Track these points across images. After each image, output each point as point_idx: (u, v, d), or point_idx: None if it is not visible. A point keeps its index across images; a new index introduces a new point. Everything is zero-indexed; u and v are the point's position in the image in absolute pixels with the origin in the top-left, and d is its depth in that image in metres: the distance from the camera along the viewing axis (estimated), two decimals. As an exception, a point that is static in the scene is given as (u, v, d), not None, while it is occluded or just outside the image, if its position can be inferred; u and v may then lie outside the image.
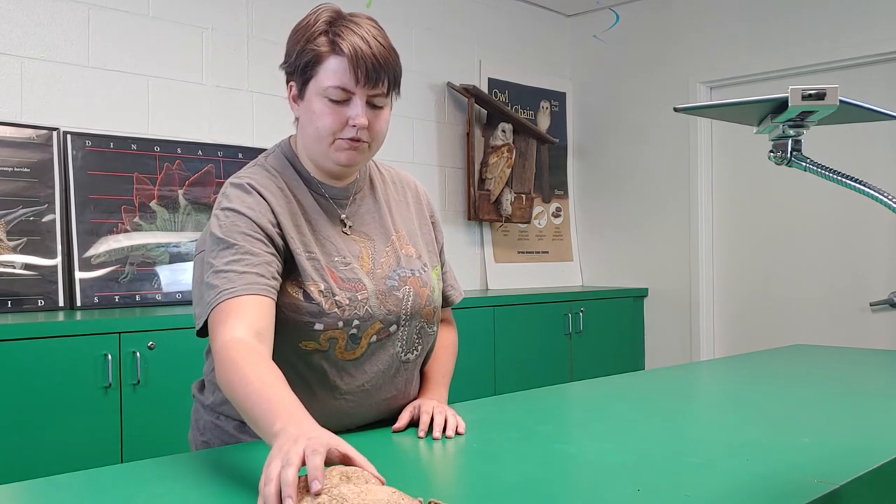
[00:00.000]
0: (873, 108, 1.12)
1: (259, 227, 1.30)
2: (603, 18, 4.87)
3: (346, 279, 1.36)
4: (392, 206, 1.51)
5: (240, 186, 1.35)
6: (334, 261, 1.37)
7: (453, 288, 1.65)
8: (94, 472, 1.17)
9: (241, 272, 1.25)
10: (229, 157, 3.36)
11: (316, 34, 1.32)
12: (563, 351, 4.14)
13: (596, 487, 1.06)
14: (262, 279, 1.26)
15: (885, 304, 3.86)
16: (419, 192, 1.60)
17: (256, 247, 1.29)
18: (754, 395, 1.77)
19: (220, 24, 3.42)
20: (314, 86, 1.33)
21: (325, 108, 1.32)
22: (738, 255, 4.43)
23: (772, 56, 4.19)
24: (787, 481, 1.08)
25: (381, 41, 1.33)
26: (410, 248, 1.49)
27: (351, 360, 1.37)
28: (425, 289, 1.46)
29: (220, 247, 1.29)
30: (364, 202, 1.47)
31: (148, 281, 3.06)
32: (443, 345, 1.61)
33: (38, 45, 2.94)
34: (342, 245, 1.40)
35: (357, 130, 1.32)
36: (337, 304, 1.33)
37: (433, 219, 1.61)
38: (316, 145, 1.36)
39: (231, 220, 1.30)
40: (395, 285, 1.41)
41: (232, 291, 1.23)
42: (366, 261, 1.41)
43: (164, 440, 2.52)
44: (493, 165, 4.42)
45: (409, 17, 4.16)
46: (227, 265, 1.26)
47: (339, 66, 1.30)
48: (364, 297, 1.37)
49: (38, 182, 2.85)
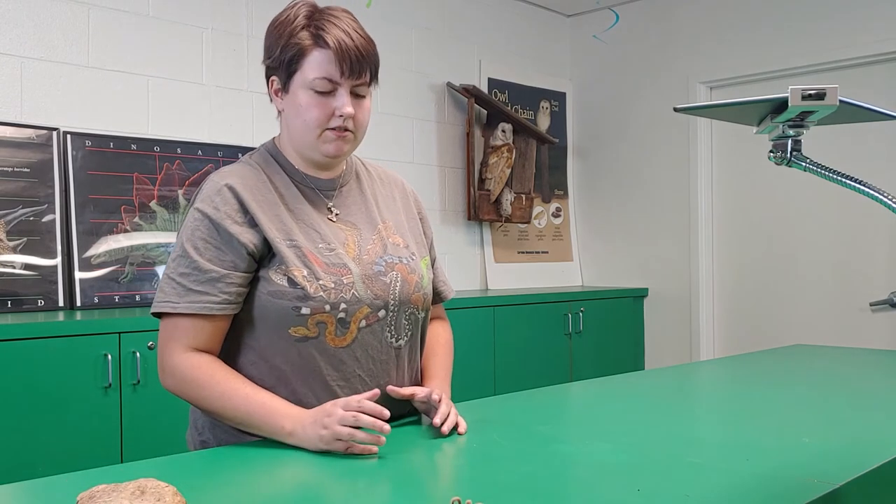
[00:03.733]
0: (873, 108, 1.12)
1: (218, 232, 1.35)
2: (603, 18, 4.87)
3: (330, 264, 1.38)
4: (379, 199, 1.54)
5: (211, 182, 1.40)
6: (318, 247, 1.39)
7: (445, 284, 1.66)
8: (94, 472, 1.17)
9: (188, 289, 1.34)
10: (229, 157, 3.36)
11: (298, 29, 1.36)
12: (563, 351, 4.14)
13: (596, 487, 1.06)
14: (204, 297, 1.33)
15: (885, 304, 3.86)
16: (406, 188, 1.63)
17: (211, 257, 1.34)
18: (754, 395, 1.77)
19: (220, 24, 3.42)
20: (299, 79, 1.37)
21: (311, 99, 1.36)
22: (738, 255, 4.43)
23: (772, 56, 4.19)
24: (787, 481, 1.08)
25: (361, 34, 1.38)
26: (398, 238, 1.51)
27: (342, 346, 1.38)
28: (413, 275, 1.48)
29: (179, 252, 1.37)
30: (350, 194, 1.50)
31: (148, 281, 3.06)
32: (439, 341, 1.62)
33: (38, 45, 2.93)
34: (327, 231, 1.42)
35: (344, 120, 1.37)
36: (322, 287, 1.36)
37: (421, 214, 1.63)
38: (303, 137, 1.40)
39: (194, 224, 1.36)
40: (382, 270, 1.44)
41: (175, 307, 1.34)
42: (351, 247, 1.43)
43: (164, 440, 2.52)
44: (492, 165, 4.42)
45: (409, 17, 4.15)
46: (180, 276, 1.35)
47: (325, 59, 1.35)
48: (350, 282, 1.38)
49: (38, 182, 2.85)
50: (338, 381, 1.38)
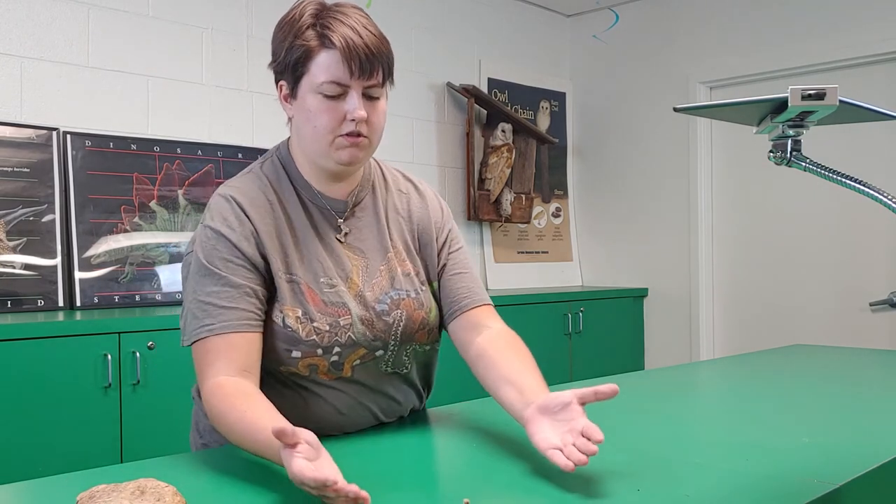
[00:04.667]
0: (873, 108, 1.12)
1: (240, 251, 1.27)
2: (603, 18, 4.87)
3: (329, 303, 1.31)
4: (390, 218, 1.43)
5: (225, 199, 1.32)
6: (319, 282, 1.32)
7: (471, 292, 1.44)
8: (94, 472, 1.17)
9: (223, 307, 1.24)
10: (229, 157, 3.36)
11: (303, 28, 1.27)
12: (563, 351, 4.14)
13: (596, 487, 1.06)
14: (244, 314, 1.25)
15: (885, 304, 3.85)
16: (428, 201, 1.48)
17: (238, 275, 1.26)
18: (754, 395, 1.77)
19: (220, 24, 3.42)
20: (307, 82, 1.27)
21: (320, 104, 1.27)
22: (738, 255, 4.43)
23: (772, 56, 4.19)
24: (787, 481, 1.08)
25: (372, 30, 1.27)
26: (407, 265, 1.41)
27: (335, 379, 1.34)
28: (420, 311, 1.39)
29: (202, 273, 1.27)
30: (364, 213, 1.40)
31: (148, 281, 3.06)
32: (518, 350, 1.35)
33: (38, 45, 2.93)
34: (330, 264, 1.34)
35: (356, 124, 1.27)
36: (315, 330, 1.29)
37: (439, 230, 1.47)
38: (314, 145, 1.31)
39: (212, 244, 1.28)
40: (386, 309, 1.36)
41: (211, 329, 1.23)
42: (355, 281, 1.35)
43: (164, 440, 2.52)
44: (492, 165, 4.42)
45: (409, 17, 4.15)
46: (209, 296, 1.25)
47: (332, 60, 1.25)
48: (347, 323, 1.32)
49: (37, 182, 2.85)
50: (333, 401, 1.35)
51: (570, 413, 1.11)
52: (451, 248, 1.47)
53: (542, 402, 1.14)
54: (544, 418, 1.13)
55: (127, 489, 0.92)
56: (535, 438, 1.11)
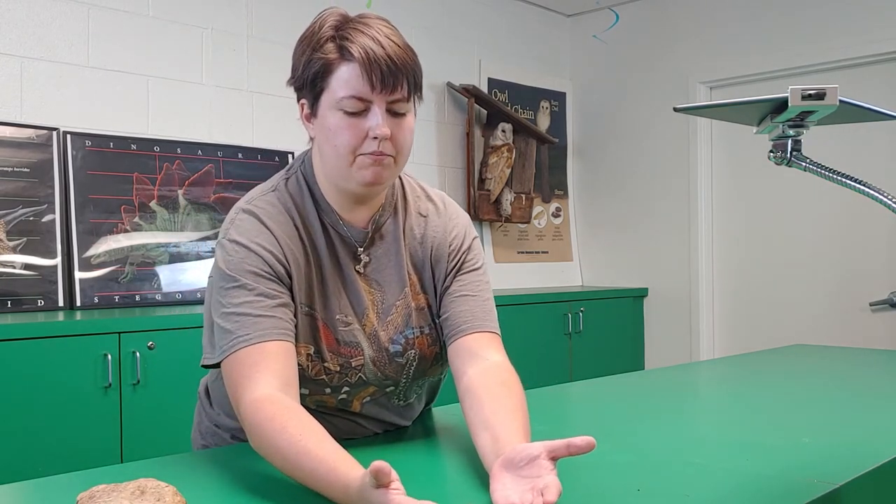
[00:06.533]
0: (873, 108, 1.12)
1: (269, 267, 1.19)
2: (603, 18, 4.87)
3: (342, 342, 1.26)
4: (408, 244, 1.33)
5: (251, 215, 1.23)
6: (335, 319, 1.26)
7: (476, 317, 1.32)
8: (94, 472, 1.17)
9: (258, 315, 1.15)
10: (229, 157, 3.36)
11: (322, 41, 1.18)
12: (563, 351, 4.14)
13: (596, 487, 1.06)
14: (280, 322, 1.16)
15: (885, 304, 3.86)
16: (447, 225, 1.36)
17: (270, 287, 1.18)
18: (754, 395, 1.77)
19: (220, 24, 3.42)
20: (327, 99, 1.18)
21: (340, 122, 1.17)
22: (738, 255, 4.43)
23: (772, 56, 4.19)
24: (787, 481, 1.08)
25: (395, 40, 1.18)
26: (421, 298, 1.33)
27: (342, 410, 1.33)
28: (434, 347, 1.34)
29: (229, 284, 1.18)
30: (385, 240, 1.31)
31: (148, 281, 3.06)
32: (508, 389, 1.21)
33: (38, 45, 2.93)
34: (347, 301, 1.27)
35: (379, 143, 1.17)
36: (325, 370, 1.25)
37: (457, 252, 1.35)
38: (336, 166, 1.21)
39: (239, 256, 1.19)
40: (400, 350, 1.30)
41: (248, 339, 1.13)
42: (371, 318, 1.28)
43: (164, 440, 2.52)
44: (492, 165, 4.42)
45: (409, 17, 4.15)
46: (240, 307, 1.16)
47: (352, 73, 1.16)
48: (359, 364, 1.27)
49: (37, 182, 2.85)
50: (339, 425, 1.32)
51: (537, 469, 0.97)
52: (462, 270, 1.35)
53: (508, 456, 1.01)
54: (507, 474, 0.99)
55: (127, 489, 0.92)
56: (494, 496, 0.97)
